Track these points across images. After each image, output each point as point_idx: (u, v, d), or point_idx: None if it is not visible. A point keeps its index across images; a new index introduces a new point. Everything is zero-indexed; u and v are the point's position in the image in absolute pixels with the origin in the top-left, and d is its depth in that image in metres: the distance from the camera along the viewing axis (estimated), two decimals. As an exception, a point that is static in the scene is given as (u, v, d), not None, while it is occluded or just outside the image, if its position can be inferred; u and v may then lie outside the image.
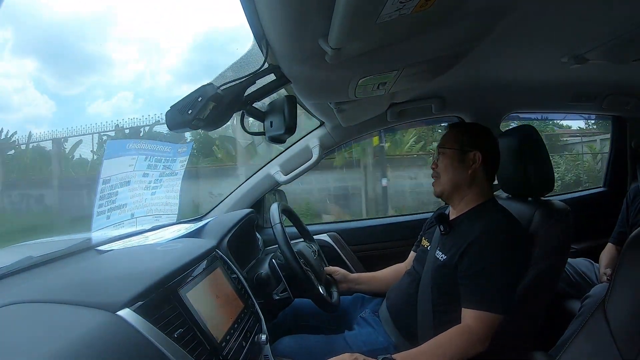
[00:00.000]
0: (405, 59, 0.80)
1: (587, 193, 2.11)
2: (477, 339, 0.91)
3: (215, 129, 0.78)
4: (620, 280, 0.73)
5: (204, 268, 0.90)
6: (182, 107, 0.70)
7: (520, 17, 0.76)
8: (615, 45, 0.89)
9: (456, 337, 0.92)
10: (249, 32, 0.71)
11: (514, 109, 1.66)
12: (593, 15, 0.80)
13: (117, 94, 13.76)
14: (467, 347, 0.91)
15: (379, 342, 1.08)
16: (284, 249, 1.08)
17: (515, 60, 1.16)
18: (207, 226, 1.26)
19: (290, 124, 0.80)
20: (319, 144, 1.53)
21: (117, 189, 1.09)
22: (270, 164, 1.59)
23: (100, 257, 0.97)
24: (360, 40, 0.63)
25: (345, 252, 1.61)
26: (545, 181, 1.12)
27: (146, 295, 0.67)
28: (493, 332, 0.92)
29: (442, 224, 1.08)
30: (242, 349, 0.84)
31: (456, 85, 1.41)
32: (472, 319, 0.93)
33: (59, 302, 0.64)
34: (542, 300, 1.06)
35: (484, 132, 1.11)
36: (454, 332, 0.93)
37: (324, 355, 0.89)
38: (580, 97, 1.56)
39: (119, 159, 1.09)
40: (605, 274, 1.42)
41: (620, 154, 1.92)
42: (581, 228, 1.23)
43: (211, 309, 0.82)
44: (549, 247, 1.02)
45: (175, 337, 0.66)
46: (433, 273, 1.05)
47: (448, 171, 1.08)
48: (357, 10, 0.51)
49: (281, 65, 0.78)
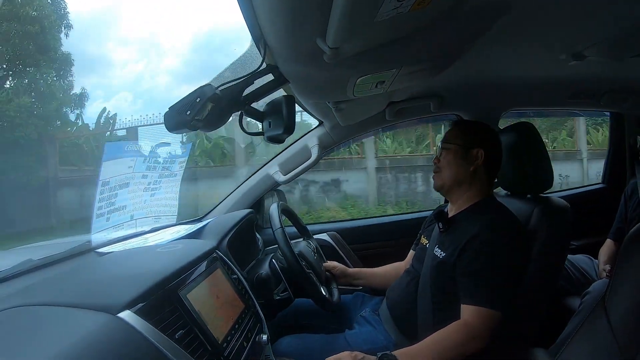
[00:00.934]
0: (404, 58, 0.80)
1: (586, 189, 2.12)
2: (475, 335, 0.92)
3: (214, 130, 0.78)
4: (620, 276, 0.73)
5: (204, 269, 0.90)
6: (181, 108, 0.70)
7: (518, 14, 0.76)
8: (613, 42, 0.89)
9: (454, 333, 0.92)
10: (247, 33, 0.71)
11: (513, 107, 1.66)
12: (591, 12, 0.80)
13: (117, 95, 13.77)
14: (465, 343, 0.91)
15: (379, 340, 1.08)
16: (286, 253, 1.09)
17: (513, 57, 1.16)
18: (207, 227, 1.26)
19: (289, 123, 0.80)
20: (318, 144, 1.53)
21: (116, 190, 1.09)
22: (269, 164, 1.58)
23: (101, 259, 0.97)
24: (358, 39, 0.63)
25: (345, 251, 1.61)
26: (544, 178, 1.12)
27: (147, 297, 0.67)
28: (492, 329, 0.93)
29: (441, 221, 1.09)
30: (243, 349, 0.84)
31: (454, 83, 1.41)
32: (470, 315, 0.93)
33: (60, 304, 0.64)
34: (541, 297, 1.07)
35: (488, 130, 1.12)
36: (452, 328, 0.93)
37: (325, 354, 0.89)
38: (578, 94, 1.56)
39: (118, 160, 1.08)
40: (605, 270, 1.42)
41: (618, 150, 1.92)
42: (580, 224, 1.23)
43: (212, 309, 0.82)
44: (548, 243, 1.02)
45: (176, 339, 0.66)
46: (432, 271, 1.05)
47: (450, 166, 1.09)
48: (354, 9, 0.51)
49: (279, 65, 0.78)
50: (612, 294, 0.73)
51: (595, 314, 0.74)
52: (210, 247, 1.02)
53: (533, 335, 1.10)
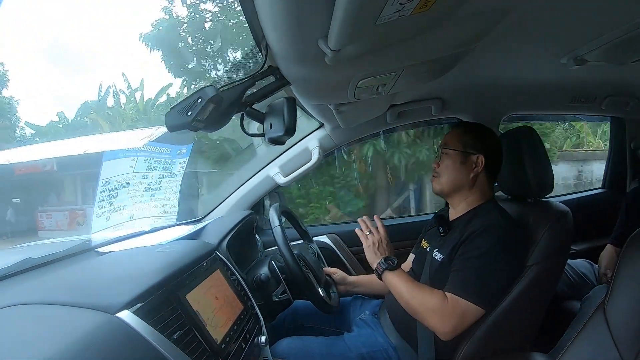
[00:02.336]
0: (405, 60, 0.80)
1: (586, 194, 2.11)
2: (443, 314, 0.92)
3: (215, 131, 0.78)
4: (620, 281, 0.73)
5: (204, 270, 0.90)
6: (182, 109, 0.70)
7: (519, 18, 0.77)
8: (614, 47, 0.89)
9: (432, 296, 0.94)
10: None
11: (513, 110, 1.66)
12: (593, 17, 0.80)
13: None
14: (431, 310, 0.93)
15: (379, 343, 1.08)
16: (284, 250, 1.08)
17: (515, 61, 1.16)
18: (207, 228, 1.26)
19: (290, 125, 0.80)
20: (319, 146, 1.53)
21: (116, 190, 1.09)
22: (270, 166, 1.58)
23: (100, 258, 0.97)
24: (359, 42, 0.63)
25: (344, 253, 1.61)
26: (544, 182, 1.12)
27: (146, 297, 0.67)
28: (465, 322, 0.92)
29: (441, 225, 1.08)
30: (242, 350, 0.84)
31: (456, 86, 1.41)
32: (451, 298, 0.93)
33: (58, 303, 0.64)
34: (541, 301, 1.06)
35: (488, 134, 1.10)
36: (435, 293, 0.95)
37: (324, 357, 0.88)
38: (579, 99, 1.56)
39: (118, 160, 1.09)
40: (605, 275, 1.42)
41: (619, 155, 1.92)
42: (581, 229, 1.22)
43: (211, 310, 0.81)
44: (548, 248, 1.02)
45: (174, 339, 0.65)
46: (431, 274, 1.05)
47: (450, 172, 1.08)
48: (356, 11, 0.51)
49: (281, 67, 0.78)
50: (612, 299, 0.73)
51: (595, 319, 0.74)
52: (210, 248, 1.02)
53: (532, 339, 1.09)
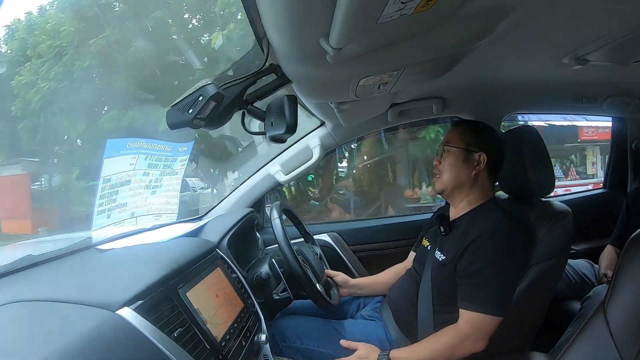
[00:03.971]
0: (406, 59, 0.80)
1: (587, 194, 2.11)
2: (465, 339, 0.93)
3: (216, 129, 0.78)
4: (620, 281, 0.73)
5: (204, 267, 0.90)
6: (183, 106, 0.70)
7: (521, 18, 0.76)
8: (616, 47, 0.89)
9: (447, 337, 0.95)
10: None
11: (515, 110, 1.66)
12: (594, 17, 0.80)
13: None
14: (458, 345, 0.93)
15: (377, 334, 1.08)
16: (282, 243, 1.07)
17: (516, 61, 1.15)
18: (207, 225, 1.26)
19: (291, 123, 0.80)
20: (320, 144, 1.53)
21: (117, 187, 1.09)
22: (271, 164, 1.58)
23: (101, 256, 0.97)
24: (361, 40, 0.63)
25: (345, 252, 1.61)
26: (545, 182, 1.12)
27: (146, 295, 0.67)
28: (489, 332, 0.93)
29: (442, 224, 1.08)
30: (242, 348, 0.84)
31: (457, 85, 1.41)
32: (466, 320, 0.94)
33: (59, 300, 0.64)
34: (541, 301, 1.06)
35: (491, 133, 1.11)
36: (446, 332, 0.96)
37: (322, 338, 0.90)
38: (581, 98, 1.56)
39: (119, 158, 1.08)
40: (606, 276, 1.42)
41: (620, 155, 1.92)
42: (581, 229, 1.23)
43: (211, 308, 0.82)
44: (549, 248, 1.02)
45: (174, 337, 0.66)
46: (433, 273, 1.05)
47: (452, 170, 1.07)
48: (358, 10, 0.51)
49: (282, 65, 0.78)
50: (612, 300, 0.73)
51: (595, 319, 0.74)
52: (211, 245, 1.02)
53: (533, 339, 1.10)
